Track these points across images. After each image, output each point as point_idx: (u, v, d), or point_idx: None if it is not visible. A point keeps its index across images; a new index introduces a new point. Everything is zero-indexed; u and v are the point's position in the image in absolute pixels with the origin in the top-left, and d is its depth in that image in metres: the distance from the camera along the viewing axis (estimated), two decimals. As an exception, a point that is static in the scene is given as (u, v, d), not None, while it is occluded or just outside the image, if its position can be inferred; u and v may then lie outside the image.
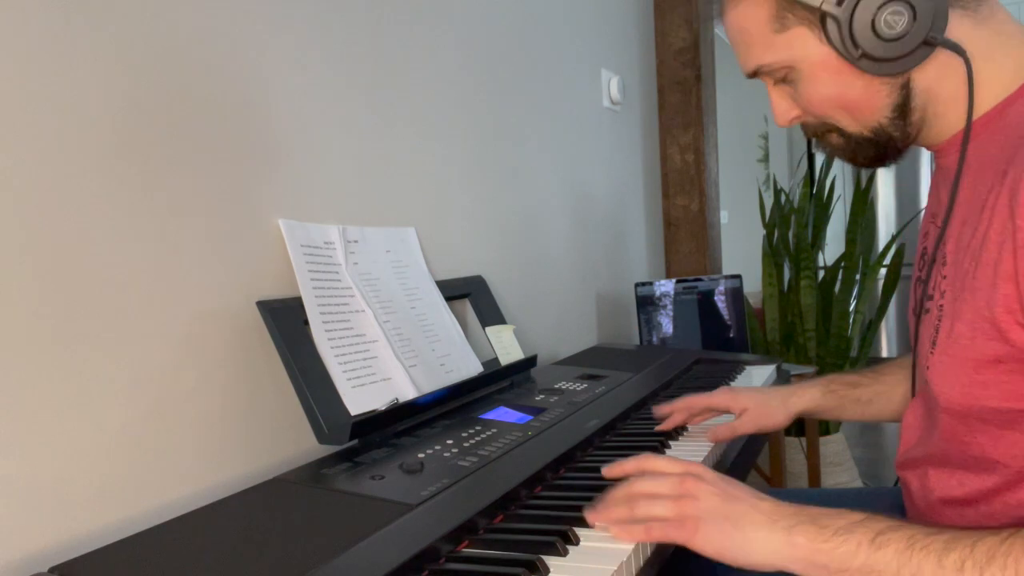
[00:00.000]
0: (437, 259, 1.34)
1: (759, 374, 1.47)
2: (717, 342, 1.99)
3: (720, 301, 2.00)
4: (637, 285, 2.03)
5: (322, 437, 0.94)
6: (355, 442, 0.96)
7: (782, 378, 1.53)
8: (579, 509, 0.75)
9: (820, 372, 2.46)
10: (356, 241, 1.14)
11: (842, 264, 2.56)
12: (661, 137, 2.57)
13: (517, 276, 1.63)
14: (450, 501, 0.77)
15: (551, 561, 0.67)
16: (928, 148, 0.81)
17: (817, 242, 2.66)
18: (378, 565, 0.63)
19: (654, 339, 2.02)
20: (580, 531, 0.73)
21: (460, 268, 1.42)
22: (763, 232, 2.66)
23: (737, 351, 1.95)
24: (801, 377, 2.11)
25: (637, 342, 2.08)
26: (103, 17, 0.81)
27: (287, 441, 1.00)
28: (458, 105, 1.45)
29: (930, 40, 0.70)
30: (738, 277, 2.01)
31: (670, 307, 2.02)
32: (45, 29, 0.76)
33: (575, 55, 1.99)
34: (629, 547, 0.69)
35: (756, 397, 1.06)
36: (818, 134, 0.83)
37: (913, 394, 0.87)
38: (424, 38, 1.35)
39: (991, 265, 0.66)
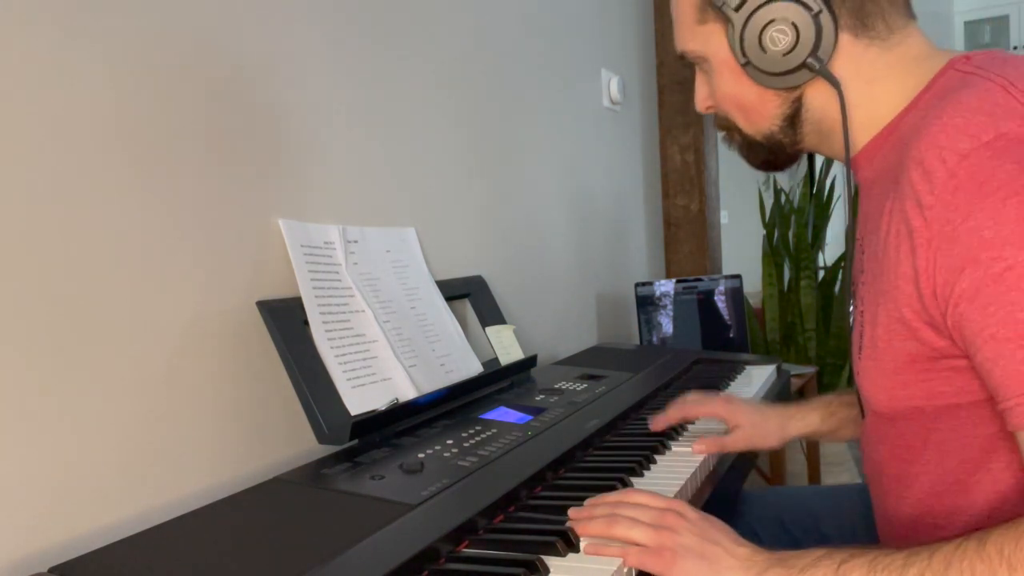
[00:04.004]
0: (437, 259, 1.34)
1: (759, 374, 1.47)
2: (717, 342, 1.99)
3: (720, 301, 2.00)
4: (637, 285, 2.03)
5: (322, 437, 0.94)
6: (355, 442, 0.96)
7: (782, 378, 1.53)
8: (579, 509, 0.75)
9: (820, 372, 2.46)
10: (356, 241, 1.14)
11: (842, 264, 2.56)
12: (661, 137, 2.57)
13: (517, 276, 1.63)
14: (450, 501, 0.77)
15: (551, 561, 0.67)
16: (840, 161, 0.85)
17: (817, 242, 2.66)
18: (378, 565, 0.63)
19: (654, 339, 2.02)
20: (580, 531, 0.73)
21: (460, 268, 1.42)
22: (763, 232, 2.66)
23: (737, 351, 1.95)
24: (801, 377, 2.11)
25: (637, 342, 2.08)
26: (104, 14, 0.81)
27: (287, 441, 1.00)
28: (458, 105, 1.45)
29: (808, 64, 0.74)
30: (738, 277, 2.01)
31: (670, 307, 2.02)
32: (44, 26, 0.76)
33: (575, 55, 1.99)
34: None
35: (752, 415, 1.04)
36: (724, 128, 0.87)
37: (862, 413, 0.87)
38: (424, 38, 1.35)
39: (893, 268, 0.68)
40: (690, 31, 0.82)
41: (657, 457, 0.97)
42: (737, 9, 0.75)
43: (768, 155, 0.84)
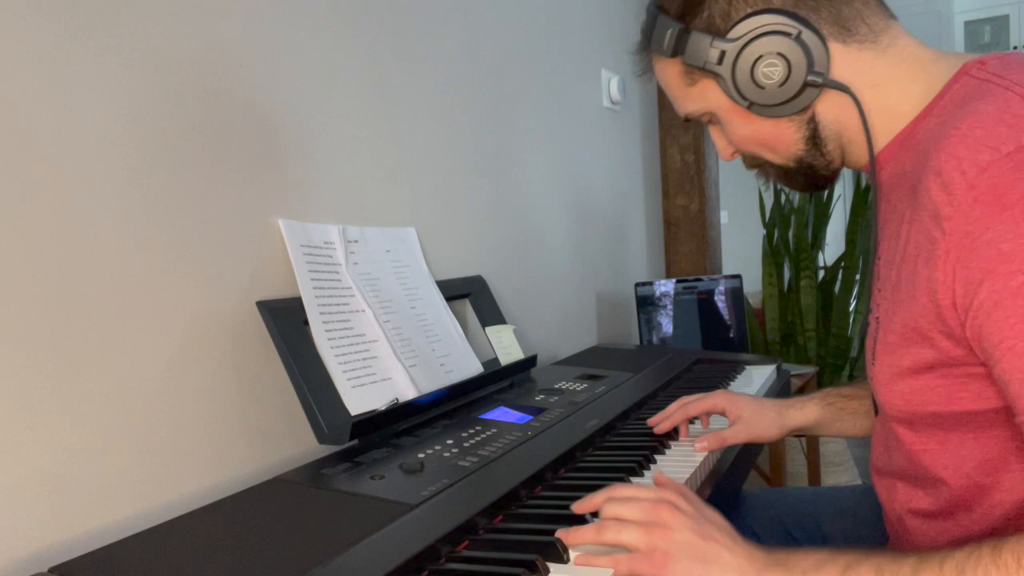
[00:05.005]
0: (437, 259, 1.34)
1: (759, 374, 1.47)
2: (717, 342, 1.99)
3: (720, 301, 2.00)
4: (637, 285, 2.03)
5: (322, 437, 0.94)
6: (355, 442, 0.96)
7: (782, 378, 1.53)
8: (579, 509, 0.74)
9: (820, 372, 2.46)
10: (356, 241, 1.14)
11: (842, 264, 2.56)
12: (661, 137, 2.57)
13: (517, 276, 1.63)
14: (450, 501, 0.77)
15: (551, 561, 0.67)
16: (858, 169, 0.85)
17: (817, 242, 2.66)
18: (378, 565, 0.63)
19: (654, 339, 2.02)
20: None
21: (460, 268, 1.42)
22: (763, 232, 2.66)
23: (737, 351, 1.95)
24: (801, 377, 2.11)
25: (637, 342, 2.08)
26: (106, 19, 0.81)
27: (287, 441, 1.00)
28: (458, 105, 1.45)
29: (811, 82, 0.74)
30: (738, 277, 2.01)
31: (670, 307, 2.02)
32: (46, 31, 0.76)
33: (575, 55, 1.99)
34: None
35: (752, 406, 1.05)
36: (755, 166, 0.88)
37: (876, 410, 0.87)
38: (424, 38, 1.35)
39: (910, 276, 0.68)
40: (685, 95, 0.83)
41: (657, 457, 0.97)
42: (720, 62, 0.76)
43: (806, 178, 0.84)
